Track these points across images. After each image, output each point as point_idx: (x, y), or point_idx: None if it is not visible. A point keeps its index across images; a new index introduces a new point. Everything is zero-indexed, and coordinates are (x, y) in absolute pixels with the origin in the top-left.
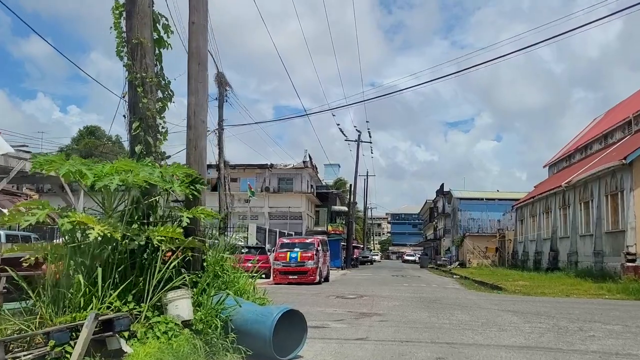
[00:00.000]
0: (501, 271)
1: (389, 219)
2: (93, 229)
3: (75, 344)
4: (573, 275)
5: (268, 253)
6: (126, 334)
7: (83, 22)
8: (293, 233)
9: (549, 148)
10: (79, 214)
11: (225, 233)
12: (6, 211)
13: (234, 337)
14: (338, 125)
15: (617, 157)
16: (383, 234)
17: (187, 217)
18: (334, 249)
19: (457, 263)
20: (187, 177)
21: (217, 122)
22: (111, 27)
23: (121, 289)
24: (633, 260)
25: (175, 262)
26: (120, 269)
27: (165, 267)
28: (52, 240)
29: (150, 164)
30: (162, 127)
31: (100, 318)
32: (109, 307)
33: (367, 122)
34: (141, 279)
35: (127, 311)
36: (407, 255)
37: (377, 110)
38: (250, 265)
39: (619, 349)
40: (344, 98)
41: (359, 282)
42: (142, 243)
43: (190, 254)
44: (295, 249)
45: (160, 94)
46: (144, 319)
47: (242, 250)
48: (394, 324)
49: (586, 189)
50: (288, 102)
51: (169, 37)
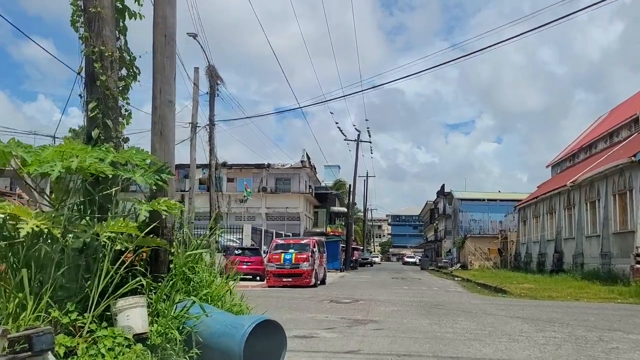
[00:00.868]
0: (504, 273)
1: (389, 220)
2: (26, 223)
3: None
4: (579, 277)
5: (263, 254)
6: (62, 351)
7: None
8: (290, 234)
9: (550, 149)
10: (11, 205)
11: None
12: None
13: (196, 353)
14: (337, 123)
15: (625, 154)
16: (383, 235)
17: (147, 211)
18: (333, 250)
19: (458, 265)
20: (151, 166)
21: (208, 117)
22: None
23: (62, 295)
24: None
25: (127, 264)
26: (60, 272)
27: (114, 269)
28: None
29: (104, 149)
30: (126, 110)
31: (10, 336)
32: (45, 318)
33: (366, 120)
34: (88, 284)
35: (68, 322)
36: (407, 257)
37: (378, 112)
38: (245, 267)
39: None
40: (344, 97)
41: (357, 284)
42: (88, 240)
43: (153, 254)
44: (290, 250)
45: (124, 72)
46: (87, 333)
47: (235, 252)
48: (390, 333)
49: (592, 188)
50: (289, 104)
51: (140, 5)
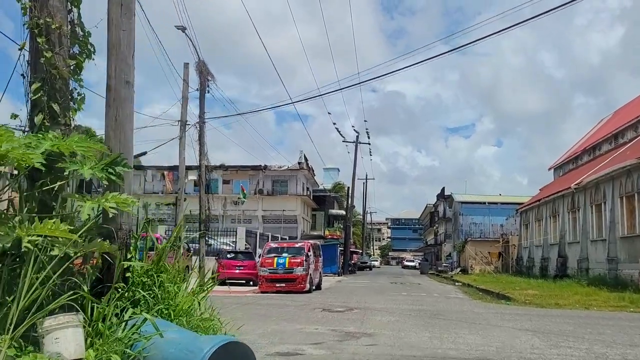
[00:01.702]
0: (505, 278)
1: (389, 224)
2: None
3: None
4: (585, 283)
5: (257, 258)
6: None
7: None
8: (287, 237)
9: (550, 153)
10: None
11: (207, 237)
12: None
13: None
14: (334, 124)
15: (633, 155)
16: (383, 239)
17: (91, 209)
18: (331, 254)
19: (458, 269)
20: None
21: (198, 114)
22: None
23: None
24: None
25: (58, 273)
26: None
27: (39, 281)
28: None
29: (42, 136)
30: (79, 93)
31: None
32: None
33: (365, 121)
34: (11, 298)
35: None
36: (407, 261)
37: (379, 115)
38: (237, 272)
39: None
40: (340, 90)
41: (353, 290)
42: (8, 245)
43: (105, 262)
44: (284, 254)
45: (77, 50)
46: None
47: (227, 255)
48: (385, 349)
49: (598, 190)
50: (289, 107)
51: None
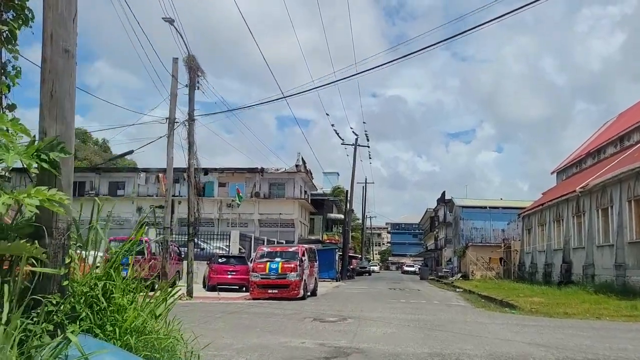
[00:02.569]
0: (508, 284)
1: (389, 228)
2: None
3: None
4: (591, 290)
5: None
6: None
7: (87, 31)
8: (284, 242)
9: (551, 159)
10: None
11: (200, 241)
12: None
13: None
14: (332, 125)
15: None
16: (383, 244)
17: (6, 203)
18: (329, 259)
19: (459, 275)
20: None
21: (188, 111)
22: None
23: None
24: None
25: None
26: None
27: None
28: None
29: None
30: (14, 67)
31: None
32: None
33: (364, 122)
34: None
35: None
36: (406, 266)
37: (379, 120)
38: (230, 277)
39: None
40: (335, 82)
41: (350, 296)
42: None
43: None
44: (276, 259)
45: (11, 15)
46: None
47: (219, 260)
48: None
49: (605, 193)
50: (289, 111)
51: None
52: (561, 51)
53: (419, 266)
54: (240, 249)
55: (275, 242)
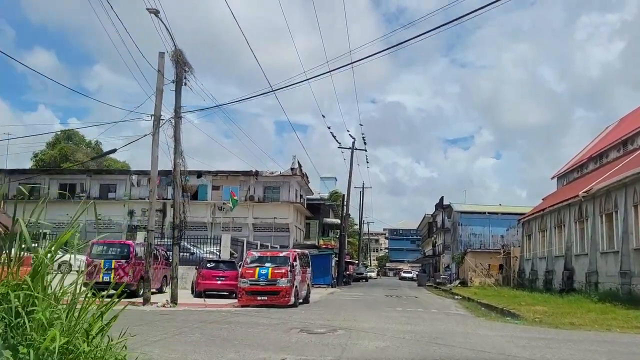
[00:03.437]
0: (508, 292)
1: (387, 234)
2: None
3: None
4: (595, 299)
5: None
6: None
7: (88, 34)
8: (278, 246)
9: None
10: None
11: (190, 245)
12: None
13: None
14: (329, 128)
15: None
16: (380, 249)
17: None
18: (324, 264)
19: (457, 281)
20: None
21: (174, 108)
22: None
23: None
24: None
25: None
26: None
27: None
28: None
29: None
30: None
31: None
32: None
33: (360, 125)
34: None
35: None
36: (404, 272)
37: (378, 126)
38: (219, 283)
39: None
40: (329, 73)
41: (344, 304)
42: None
43: None
44: (267, 264)
45: None
46: None
47: (207, 265)
48: None
49: (609, 198)
50: (289, 116)
51: None
52: (560, 58)
53: (417, 272)
54: (232, 253)
55: (269, 247)
